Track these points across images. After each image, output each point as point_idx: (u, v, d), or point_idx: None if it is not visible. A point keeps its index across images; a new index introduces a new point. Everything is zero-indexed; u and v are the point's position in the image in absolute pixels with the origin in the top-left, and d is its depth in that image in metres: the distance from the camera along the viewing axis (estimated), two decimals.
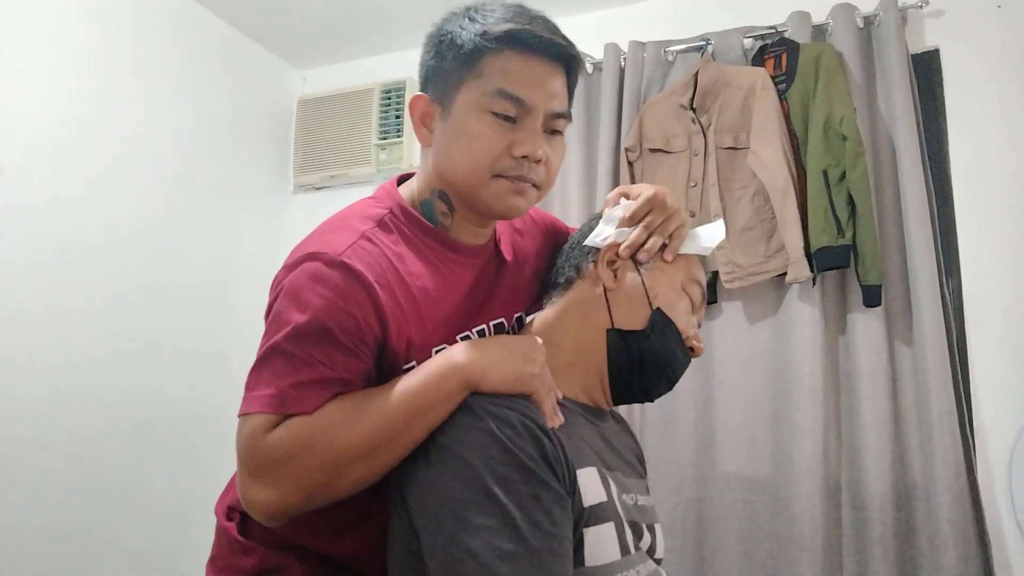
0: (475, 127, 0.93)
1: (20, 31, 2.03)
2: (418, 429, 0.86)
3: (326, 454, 0.85)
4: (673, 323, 1.03)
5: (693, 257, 1.08)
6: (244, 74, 2.86)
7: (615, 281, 1.04)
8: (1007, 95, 2.12)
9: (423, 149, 1.02)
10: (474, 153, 0.93)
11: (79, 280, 2.13)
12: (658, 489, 2.18)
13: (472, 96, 0.93)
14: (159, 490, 2.32)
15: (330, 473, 0.85)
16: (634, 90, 2.41)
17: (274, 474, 0.85)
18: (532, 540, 0.79)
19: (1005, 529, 1.94)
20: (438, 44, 0.97)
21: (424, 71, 1.00)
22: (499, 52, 0.92)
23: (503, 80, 0.92)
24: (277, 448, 0.85)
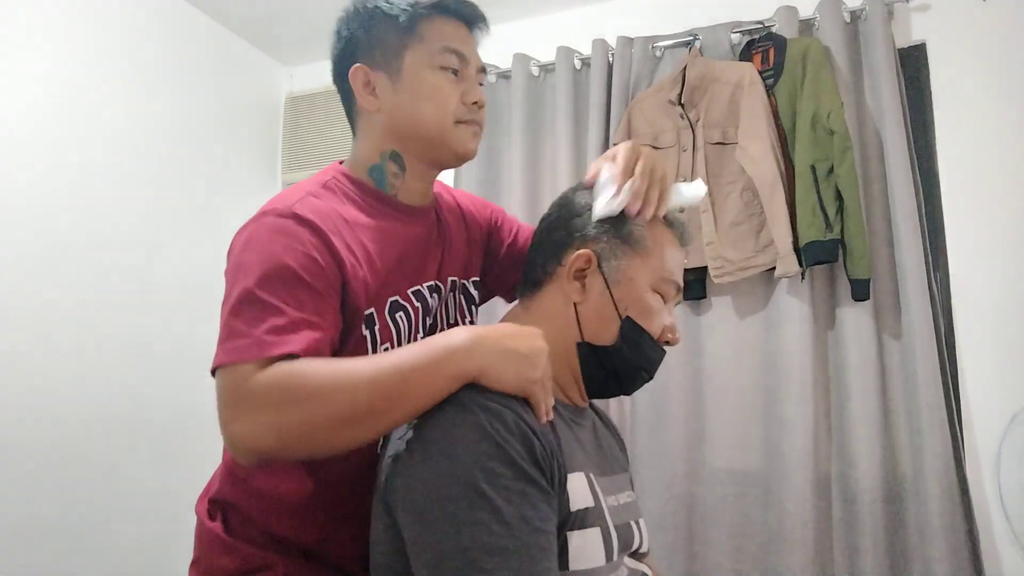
0: (432, 82, 1.04)
1: (5, 29, 2.01)
2: (399, 410, 0.84)
3: (305, 411, 0.82)
4: (645, 331, 1.00)
5: (663, 253, 1.02)
6: (231, 71, 2.84)
7: (583, 293, 1.00)
8: (993, 88, 2.13)
9: (364, 117, 1.09)
10: (439, 105, 1.03)
11: (65, 276, 2.11)
12: (649, 484, 2.19)
13: (420, 57, 1.04)
14: (146, 486, 2.31)
15: (307, 429, 0.82)
16: (622, 86, 2.41)
17: (255, 414, 0.82)
18: (521, 535, 0.78)
19: (993, 521, 1.95)
20: (367, 19, 1.06)
21: (351, 44, 1.08)
22: (431, 18, 1.05)
23: (444, 39, 1.04)
24: (262, 392, 0.82)
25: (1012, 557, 1.93)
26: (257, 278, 0.89)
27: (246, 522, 1.02)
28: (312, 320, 0.88)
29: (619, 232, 1.00)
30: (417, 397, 0.84)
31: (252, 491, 1.03)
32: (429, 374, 0.84)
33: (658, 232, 1.03)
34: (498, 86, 2.67)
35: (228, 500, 1.05)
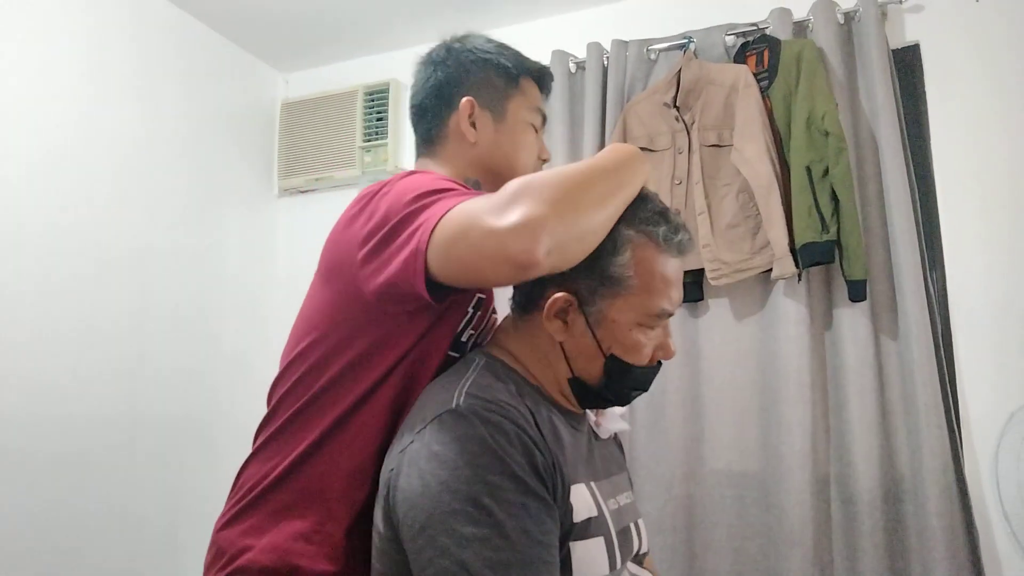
0: (527, 137, 1.20)
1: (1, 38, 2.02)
2: (620, 181, 0.93)
3: (552, 178, 0.85)
4: (631, 365, 0.97)
5: (650, 286, 0.95)
6: (226, 78, 2.84)
7: (565, 332, 0.96)
8: (987, 89, 2.13)
9: (454, 142, 1.18)
10: (528, 156, 1.20)
11: (61, 283, 2.11)
12: (648, 487, 2.19)
13: (521, 109, 1.20)
14: (144, 504, 2.31)
15: (569, 191, 0.84)
16: (617, 89, 2.41)
17: (514, 200, 0.82)
18: (522, 549, 0.78)
19: (992, 520, 1.96)
20: (480, 60, 1.19)
21: (460, 76, 1.19)
22: (529, 79, 1.21)
23: (536, 101, 1.22)
24: (500, 192, 0.84)
25: (1011, 556, 1.93)
26: (424, 185, 0.93)
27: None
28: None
29: (599, 273, 0.93)
30: (631, 184, 0.95)
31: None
32: (633, 168, 0.96)
33: (648, 262, 0.94)
34: None
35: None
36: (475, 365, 0.97)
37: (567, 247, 0.84)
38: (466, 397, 0.88)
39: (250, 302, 2.81)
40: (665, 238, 0.95)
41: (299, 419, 1.03)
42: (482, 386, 0.91)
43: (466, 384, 0.91)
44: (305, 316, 1.09)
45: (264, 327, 2.83)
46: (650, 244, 0.94)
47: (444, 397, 0.89)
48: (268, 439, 1.05)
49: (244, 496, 1.04)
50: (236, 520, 1.03)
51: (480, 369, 0.96)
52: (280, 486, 1.01)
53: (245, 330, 2.77)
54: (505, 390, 0.92)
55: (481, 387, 0.91)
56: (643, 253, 0.94)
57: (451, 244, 0.84)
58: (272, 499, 1.01)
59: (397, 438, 0.93)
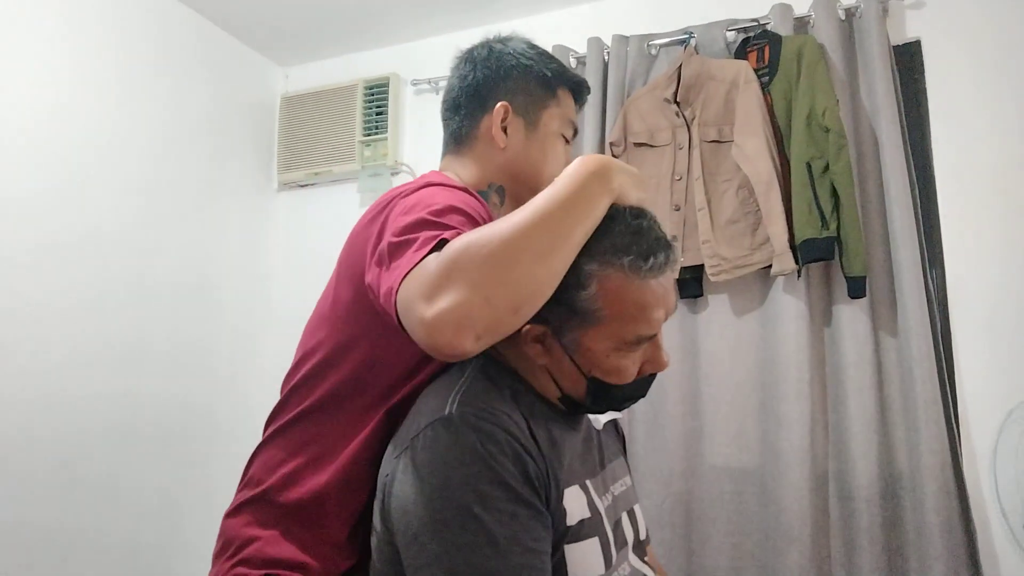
0: (556, 148, 1.19)
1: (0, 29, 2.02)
2: (574, 235, 0.85)
3: (485, 247, 0.80)
4: (613, 385, 0.94)
5: (624, 314, 0.90)
6: (226, 72, 2.84)
7: (546, 356, 0.94)
8: (988, 85, 2.13)
9: (483, 145, 1.17)
10: (554, 168, 1.14)
11: (62, 277, 2.11)
12: (647, 483, 2.19)
13: (554, 119, 1.18)
14: (146, 486, 2.31)
15: (497, 266, 0.79)
16: (618, 84, 2.41)
17: (444, 283, 0.78)
18: (512, 556, 0.79)
19: (990, 517, 1.96)
20: (520, 65, 1.18)
21: (498, 78, 1.17)
22: (567, 90, 1.20)
23: (571, 112, 1.21)
24: (439, 260, 0.80)
25: (1008, 553, 1.93)
26: (426, 208, 0.92)
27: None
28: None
29: (567, 307, 0.89)
30: (585, 223, 0.87)
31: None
32: (588, 200, 0.87)
33: (617, 292, 0.89)
34: None
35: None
36: (471, 367, 0.96)
37: (500, 326, 0.81)
38: (458, 405, 0.87)
39: (250, 295, 2.81)
40: (633, 267, 0.88)
41: (309, 417, 1.04)
42: (475, 392, 0.90)
43: (460, 391, 0.90)
44: (320, 311, 1.09)
45: (264, 321, 2.83)
46: (617, 275, 0.88)
47: (437, 404, 0.89)
48: (276, 432, 1.06)
49: (253, 487, 1.05)
50: (243, 510, 1.04)
51: (476, 372, 0.95)
52: (288, 482, 1.02)
53: (244, 322, 2.77)
54: (499, 396, 0.91)
55: (474, 394, 0.90)
56: (610, 284, 0.88)
57: (401, 314, 0.82)
58: (277, 497, 1.02)
59: (393, 442, 0.94)
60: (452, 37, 2.76)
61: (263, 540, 0.99)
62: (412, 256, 0.84)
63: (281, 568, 0.97)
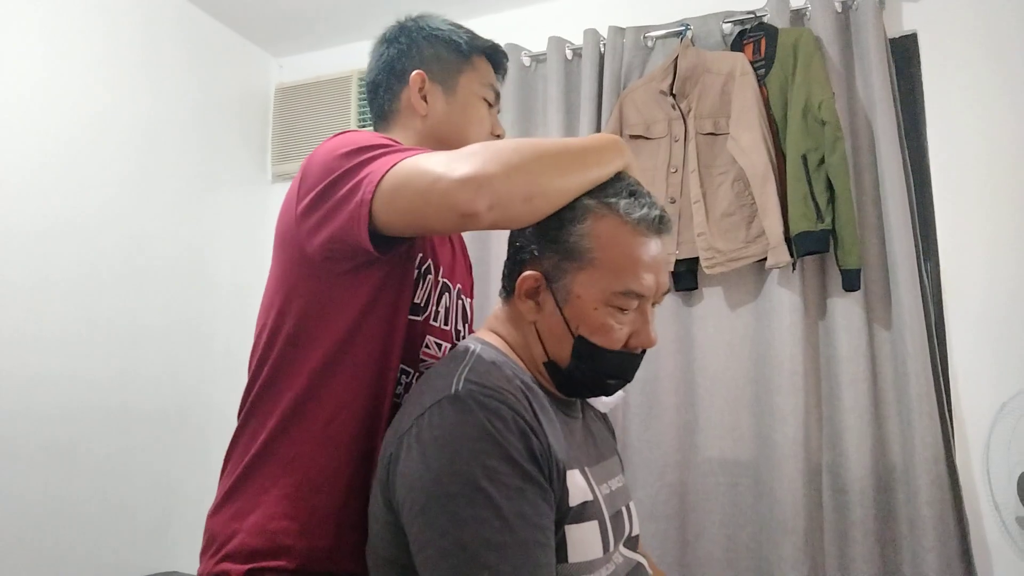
0: (478, 111, 1.22)
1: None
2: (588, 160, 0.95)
3: (509, 144, 0.89)
4: (600, 347, 0.95)
5: (616, 262, 0.93)
6: (220, 62, 2.82)
7: (538, 312, 0.98)
8: (984, 79, 2.13)
9: (405, 116, 1.21)
10: (478, 130, 1.21)
11: (54, 268, 2.11)
12: (641, 475, 2.19)
13: (472, 84, 1.21)
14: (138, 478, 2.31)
15: (521, 156, 0.88)
16: (614, 76, 2.40)
17: (464, 156, 0.87)
18: (520, 531, 0.80)
19: (983, 510, 1.97)
20: (431, 35, 1.21)
21: (412, 51, 1.21)
22: (482, 56, 1.23)
23: (489, 77, 1.23)
24: (455, 152, 0.88)
25: (1001, 545, 1.94)
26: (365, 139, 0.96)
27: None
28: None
29: (562, 246, 0.94)
30: (598, 167, 0.96)
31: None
32: (605, 154, 0.98)
33: (610, 234, 0.93)
34: None
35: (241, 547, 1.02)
36: (472, 351, 0.97)
37: (511, 205, 0.87)
38: (464, 383, 0.88)
39: (243, 287, 2.80)
40: (627, 210, 0.93)
41: (268, 393, 1.04)
42: (480, 372, 0.91)
43: (464, 370, 0.91)
44: (266, 290, 1.11)
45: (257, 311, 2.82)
46: (611, 216, 0.94)
47: (443, 383, 0.90)
48: (245, 418, 1.06)
49: (229, 479, 1.05)
50: (224, 505, 1.03)
51: (477, 355, 0.96)
52: (259, 463, 1.01)
53: (238, 314, 2.76)
54: (502, 376, 0.92)
55: (479, 373, 0.91)
56: (604, 225, 0.93)
57: (397, 192, 0.88)
58: (254, 478, 1.01)
59: (395, 423, 0.94)
60: None
61: (243, 532, 0.99)
62: (382, 165, 0.90)
63: (265, 559, 0.97)
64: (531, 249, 0.97)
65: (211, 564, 1.00)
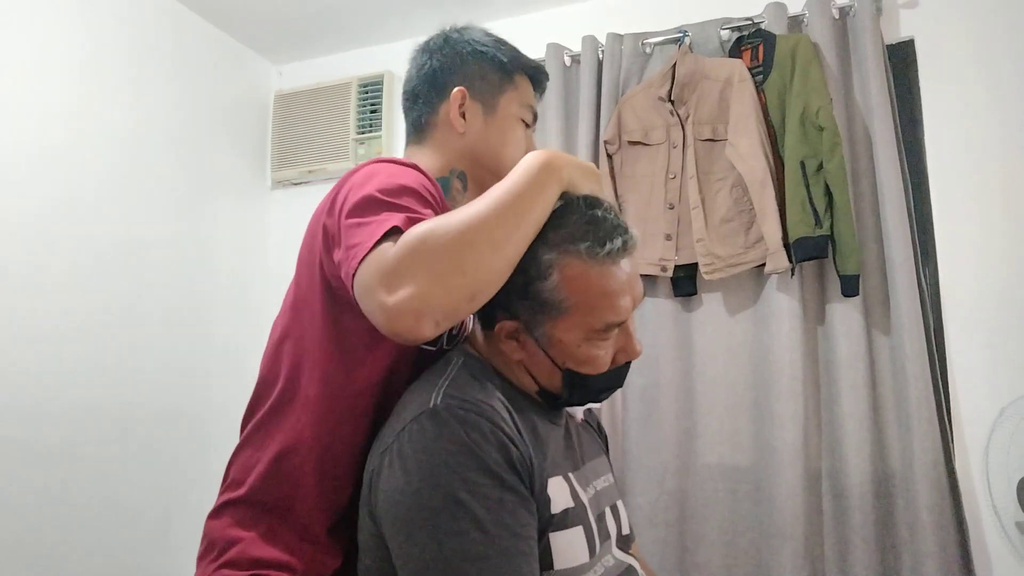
0: (517, 132, 1.20)
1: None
2: (526, 226, 0.89)
3: (442, 238, 0.84)
4: (588, 376, 0.96)
5: (590, 302, 0.92)
6: (219, 69, 2.83)
7: (521, 351, 0.97)
8: (981, 85, 2.14)
9: (442, 132, 1.19)
10: (515, 151, 1.18)
11: (53, 275, 2.10)
12: (640, 481, 2.19)
13: (513, 104, 1.20)
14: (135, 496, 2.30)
15: (454, 257, 0.84)
16: (612, 82, 2.41)
17: (404, 272, 0.82)
18: (501, 542, 0.81)
19: (982, 515, 1.97)
20: (476, 51, 1.19)
21: (455, 65, 1.19)
22: (524, 76, 1.21)
23: (529, 98, 1.22)
24: (398, 249, 0.84)
25: (1000, 550, 1.94)
26: (377, 187, 0.93)
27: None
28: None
29: (533, 299, 0.92)
30: (535, 210, 0.91)
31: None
32: (539, 189, 0.92)
33: (579, 279, 0.91)
34: None
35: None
36: (454, 364, 0.98)
37: (457, 312, 0.85)
38: (444, 397, 0.89)
39: (242, 294, 2.80)
40: (590, 252, 0.91)
41: (280, 411, 1.03)
42: (459, 385, 0.92)
43: (444, 383, 0.92)
44: (284, 301, 1.11)
45: (256, 319, 2.81)
46: (575, 262, 0.91)
47: (423, 398, 0.91)
48: (253, 429, 1.05)
49: (233, 487, 1.04)
50: (225, 511, 1.03)
51: (459, 368, 0.97)
52: (262, 486, 1.01)
53: (237, 322, 2.76)
54: (482, 389, 0.93)
55: (458, 386, 0.92)
56: (571, 272, 0.91)
57: (359, 296, 0.86)
58: (257, 497, 1.02)
59: (378, 439, 0.95)
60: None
61: (246, 541, 0.99)
62: (367, 240, 0.87)
63: (267, 568, 0.97)
64: (502, 301, 0.93)
65: (211, 569, 1.00)
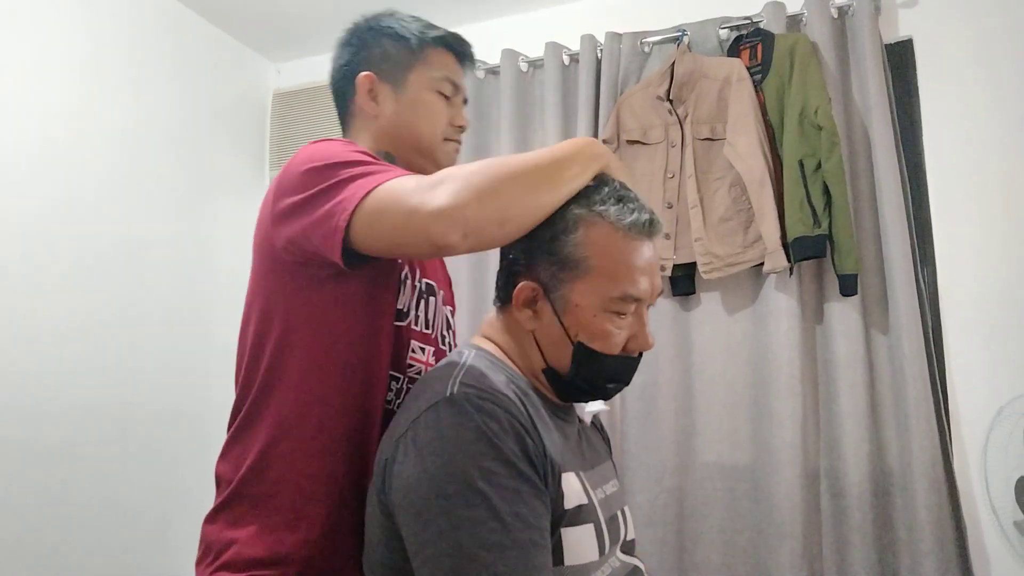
0: (432, 106, 1.20)
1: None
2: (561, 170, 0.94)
3: (483, 166, 0.90)
4: (599, 353, 0.96)
5: (613, 269, 0.94)
6: (219, 67, 2.82)
7: (536, 321, 0.98)
8: (979, 84, 2.14)
9: (360, 119, 1.22)
10: (433, 122, 1.20)
11: (51, 274, 2.10)
12: (639, 479, 2.19)
13: (423, 79, 1.19)
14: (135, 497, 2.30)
15: (493, 179, 0.88)
16: (611, 82, 2.41)
17: (440, 183, 0.87)
18: (516, 532, 0.80)
19: (980, 514, 1.97)
20: (380, 34, 1.21)
21: (362, 53, 1.22)
22: (436, 48, 1.21)
23: (444, 69, 1.21)
24: (429, 178, 0.89)
25: (999, 550, 1.94)
26: (339, 157, 0.96)
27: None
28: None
29: (557, 257, 0.95)
30: (573, 176, 0.95)
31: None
32: (581, 159, 0.97)
33: (604, 242, 0.94)
34: (487, 82, 2.66)
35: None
36: (466, 357, 0.98)
37: (485, 231, 0.89)
38: (460, 386, 0.89)
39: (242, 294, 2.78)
40: (617, 216, 0.94)
41: (259, 407, 1.04)
42: (475, 375, 0.92)
43: (460, 374, 0.92)
44: (246, 302, 1.13)
45: None
46: (602, 223, 0.94)
47: (438, 387, 0.91)
48: (237, 430, 1.06)
49: (223, 489, 1.05)
50: (219, 513, 1.04)
51: (472, 359, 0.97)
52: (253, 477, 1.02)
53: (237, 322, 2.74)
54: (497, 379, 0.93)
55: (474, 376, 0.92)
56: (596, 233, 0.94)
57: (373, 222, 0.89)
58: (249, 490, 1.02)
59: (391, 428, 0.95)
60: None
61: (240, 542, 0.99)
62: (366, 182, 0.91)
63: (264, 568, 0.97)
64: (525, 261, 0.98)
65: (207, 573, 1.00)
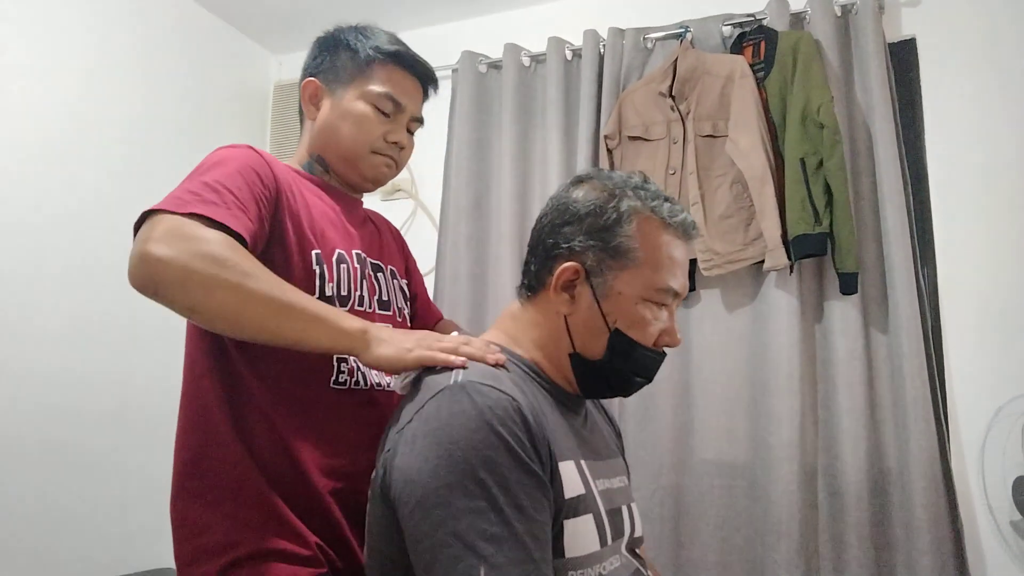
0: (360, 111, 1.22)
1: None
2: (283, 326, 0.93)
3: (212, 263, 0.90)
4: (635, 342, 0.99)
5: (657, 261, 0.99)
6: (220, 59, 2.82)
7: (572, 305, 1.00)
8: (982, 84, 2.14)
9: (304, 123, 1.30)
10: (360, 132, 1.22)
11: (51, 265, 2.10)
12: (636, 476, 2.18)
13: (361, 91, 1.22)
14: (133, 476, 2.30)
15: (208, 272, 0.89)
16: (613, 77, 2.40)
17: (174, 242, 0.91)
18: (516, 524, 0.80)
19: (977, 513, 1.97)
20: (334, 44, 1.26)
21: (316, 63, 1.27)
22: (386, 64, 1.24)
23: (389, 87, 1.23)
24: (206, 242, 0.91)
25: (995, 549, 1.94)
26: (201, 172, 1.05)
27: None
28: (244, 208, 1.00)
29: (607, 245, 0.98)
30: (298, 330, 0.94)
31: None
32: (319, 325, 0.95)
33: (653, 236, 0.99)
34: (489, 76, 2.65)
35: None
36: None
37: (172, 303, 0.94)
38: (464, 375, 0.90)
39: None
40: (670, 214, 1.00)
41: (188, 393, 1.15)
42: (478, 367, 0.93)
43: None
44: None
45: None
46: (654, 218, 0.99)
47: (441, 379, 0.91)
48: (179, 420, 1.16)
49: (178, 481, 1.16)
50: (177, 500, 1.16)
51: None
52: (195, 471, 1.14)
53: None
54: (498, 373, 0.93)
55: (478, 368, 0.93)
56: (648, 226, 0.99)
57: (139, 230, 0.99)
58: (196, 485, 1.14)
59: (393, 420, 0.95)
60: (447, 28, 2.76)
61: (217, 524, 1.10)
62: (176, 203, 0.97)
63: None
64: (571, 245, 1.00)
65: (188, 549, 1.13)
